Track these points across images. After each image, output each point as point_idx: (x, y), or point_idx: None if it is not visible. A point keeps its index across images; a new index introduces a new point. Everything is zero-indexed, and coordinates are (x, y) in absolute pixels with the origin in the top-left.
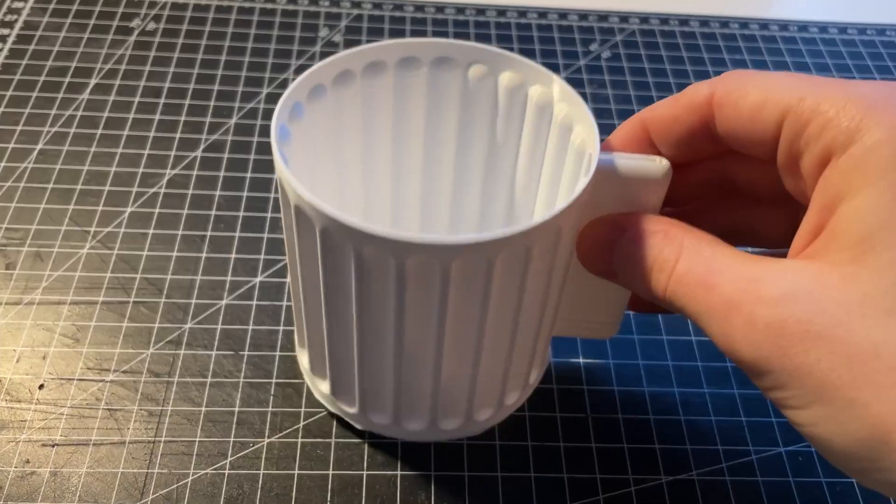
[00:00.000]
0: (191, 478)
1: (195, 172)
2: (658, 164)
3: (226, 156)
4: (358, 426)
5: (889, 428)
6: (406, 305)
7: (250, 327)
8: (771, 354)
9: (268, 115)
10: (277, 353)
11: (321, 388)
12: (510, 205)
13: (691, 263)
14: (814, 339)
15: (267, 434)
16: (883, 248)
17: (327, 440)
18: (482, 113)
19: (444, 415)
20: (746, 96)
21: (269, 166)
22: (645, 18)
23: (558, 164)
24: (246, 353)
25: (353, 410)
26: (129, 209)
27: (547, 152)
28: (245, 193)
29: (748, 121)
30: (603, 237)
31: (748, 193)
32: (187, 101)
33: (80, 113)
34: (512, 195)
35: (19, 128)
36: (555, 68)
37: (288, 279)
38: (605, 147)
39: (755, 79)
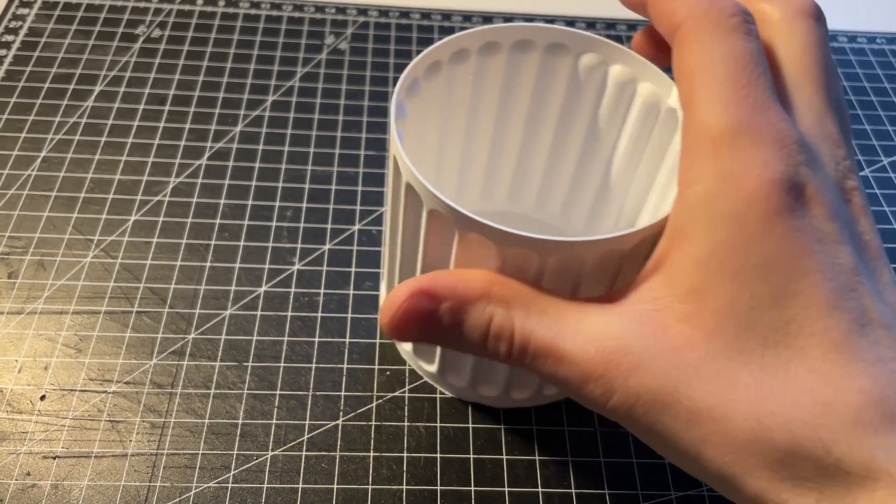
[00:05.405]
0: (193, 491)
1: (200, 181)
2: None
3: (231, 164)
4: (436, 385)
5: (728, 475)
6: None
7: (254, 338)
8: (629, 417)
9: (273, 122)
10: (282, 365)
11: (427, 368)
12: (598, 198)
13: (529, 327)
14: (663, 405)
15: (271, 447)
16: (709, 311)
17: (332, 453)
18: (587, 100)
19: (516, 385)
20: (688, 55)
21: (273, 175)
22: None
23: (655, 163)
24: (250, 364)
25: (431, 369)
26: (132, 218)
27: (647, 149)
28: (250, 202)
29: (677, 81)
30: (417, 310)
31: None
32: (192, 109)
33: (84, 120)
34: (603, 188)
35: (23, 135)
36: None
37: (384, 247)
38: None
39: (709, 38)
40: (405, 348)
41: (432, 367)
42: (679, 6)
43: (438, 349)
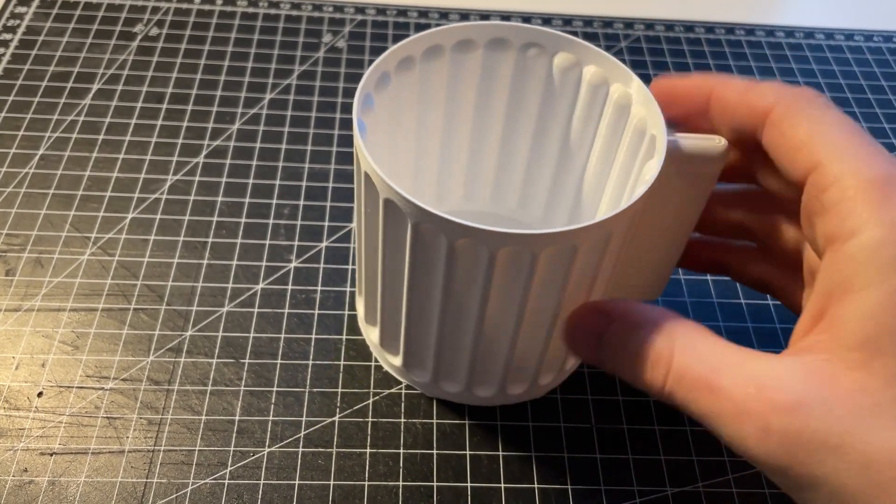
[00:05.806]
0: (190, 488)
1: (197, 178)
2: (716, 143)
3: (228, 161)
4: (428, 394)
5: None
6: (491, 288)
7: (251, 335)
8: (787, 462)
9: (270, 120)
10: (279, 362)
11: (392, 361)
12: (579, 190)
13: (688, 360)
14: (830, 449)
15: (267, 443)
16: (889, 357)
17: (328, 450)
18: (562, 103)
19: (512, 381)
20: (796, 127)
21: (270, 172)
22: (650, 25)
23: (631, 156)
24: (247, 360)
25: (396, 362)
26: (130, 215)
27: (620, 145)
28: (247, 199)
29: (787, 155)
30: (590, 327)
31: (787, 258)
32: (190, 107)
33: (81, 118)
34: (579, 193)
35: (21, 133)
36: None
37: (358, 260)
38: (664, 93)
39: (811, 111)
40: (373, 340)
41: (397, 361)
42: (764, 94)
43: (402, 340)
